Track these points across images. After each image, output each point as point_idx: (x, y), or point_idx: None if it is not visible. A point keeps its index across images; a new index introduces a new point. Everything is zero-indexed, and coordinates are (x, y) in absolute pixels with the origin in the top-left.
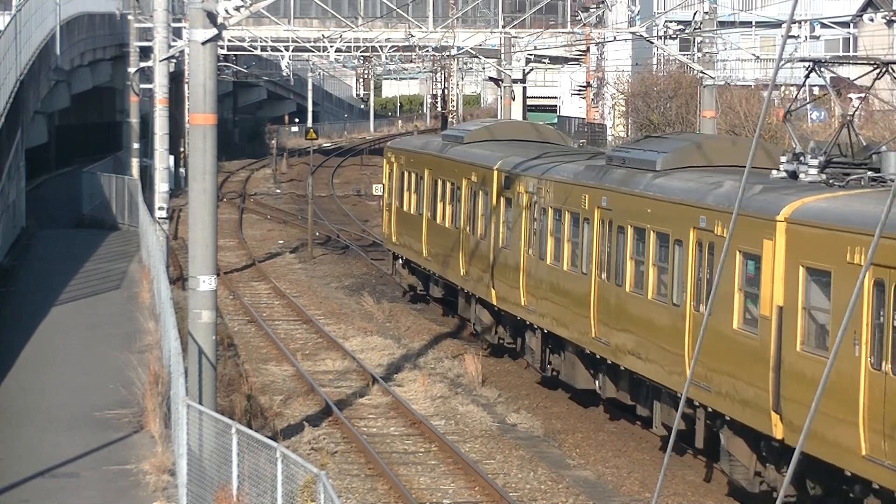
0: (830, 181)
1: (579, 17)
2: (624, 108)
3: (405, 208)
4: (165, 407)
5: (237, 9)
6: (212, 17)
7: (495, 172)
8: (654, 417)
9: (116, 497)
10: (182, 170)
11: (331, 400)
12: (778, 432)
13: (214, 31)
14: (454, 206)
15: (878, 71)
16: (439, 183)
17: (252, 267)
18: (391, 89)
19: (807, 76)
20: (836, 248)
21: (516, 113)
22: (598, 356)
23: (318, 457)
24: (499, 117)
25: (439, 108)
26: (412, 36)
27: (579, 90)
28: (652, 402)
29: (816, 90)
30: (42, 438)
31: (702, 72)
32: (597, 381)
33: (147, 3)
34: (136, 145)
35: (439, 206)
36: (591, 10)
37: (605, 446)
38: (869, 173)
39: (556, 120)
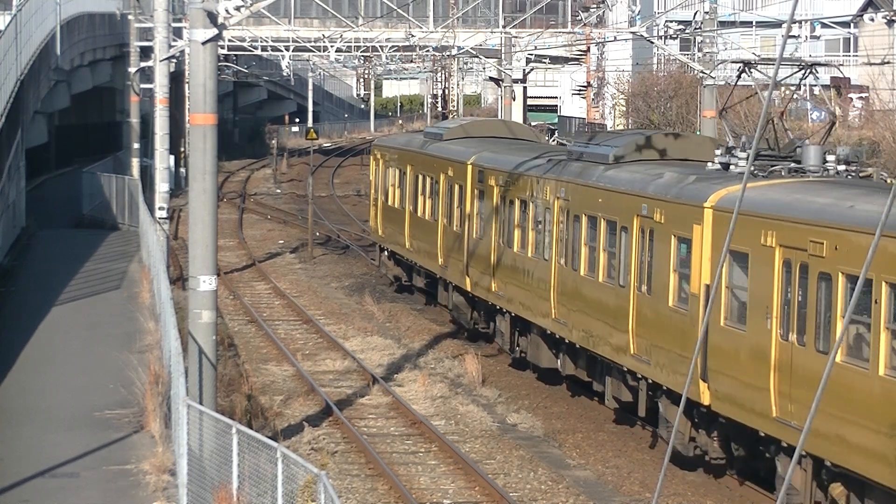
0: (755, 172)
1: (579, 17)
2: (624, 108)
3: (390, 203)
4: (165, 407)
5: (237, 9)
6: (212, 17)
7: (469, 167)
8: (606, 392)
9: (116, 497)
10: (182, 170)
11: (331, 400)
12: (706, 399)
13: (215, 31)
14: (433, 199)
15: (803, 71)
16: (420, 178)
17: (252, 267)
18: (391, 89)
19: (738, 77)
20: (753, 232)
21: (517, 113)
22: (557, 336)
23: (319, 457)
24: (500, 117)
25: (440, 108)
26: (412, 36)
27: (580, 90)
28: (604, 377)
29: (817, 90)
30: (42, 438)
31: (702, 72)
32: (559, 360)
33: (147, 3)
34: (136, 145)
35: (420, 199)
36: (592, 10)
37: (605, 446)
38: (791, 165)
39: (556, 120)
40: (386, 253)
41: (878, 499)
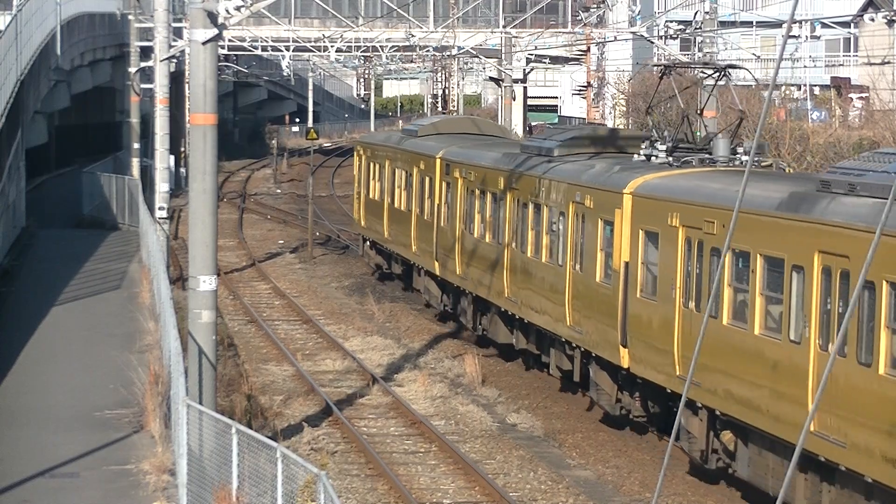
0: (671, 162)
1: (580, 17)
2: (624, 108)
3: (371, 195)
4: (165, 407)
5: (238, 9)
6: (212, 17)
7: (438, 160)
8: (551, 363)
9: (116, 497)
10: (182, 170)
11: (331, 400)
12: (626, 363)
13: (215, 31)
14: (408, 191)
15: (718, 74)
16: (397, 172)
17: (252, 267)
18: (392, 89)
19: (660, 79)
20: (662, 215)
21: (517, 113)
22: (510, 313)
23: (319, 457)
24: (500, 117)
25: (440, 109)
26: (413, 36)
27: (580, 90)
28: (549, 349)
29: (817, 90)
30: (42, 438)
31: (702, 72)
32: (514, 336)
33: (147, 3)
34: (136, 145)
35: (397, 192)
36: (592, 10)
37: (605, 446)
38: (704, 157)
39: (556, 120)
40: (368, 243)
41: (757, 442)
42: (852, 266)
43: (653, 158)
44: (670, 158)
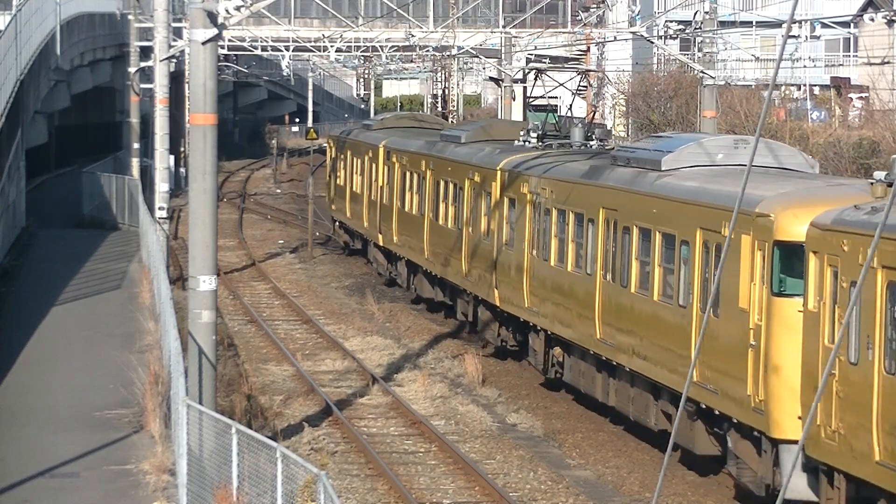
0: (538, 146)
1: (579, 17)
2: (624, 108)
3: (338, 182)
4: (165, 407)
5: (237, 9)
6: (212, 16)
7: (381, 149)
8: (457, 308)
9: (116, 497)
10: (182, 170)
11: (331, 400)
12: (497, 301)
13: (215, 31)
14: (362, 177)
15: (580, 77)
16: (355, 160)
17: (252, 267)
18: (391, 89)
19: (533, 84)
20: (519, 185)
21: (517, 112)
22: (431, 272)
23: (319, 457)
24: (500, 117)
25: (440, 109)
26: (412, 36)
27: (580, 90)
28: (456, 299)
29: (817, 90)
30: (42, 438)
31: (702, 72)
32: (434, 292)
33: (147, 3)
34: (136, 145)
35: (355, 178)
36: (592, 10)
37: (605, 446)
38: (563, 141)
39: (556, 120)
40: (337, 223)
41: (575, 353)
42: (619, 217)
43: (526, 143)
44: (538, 143)
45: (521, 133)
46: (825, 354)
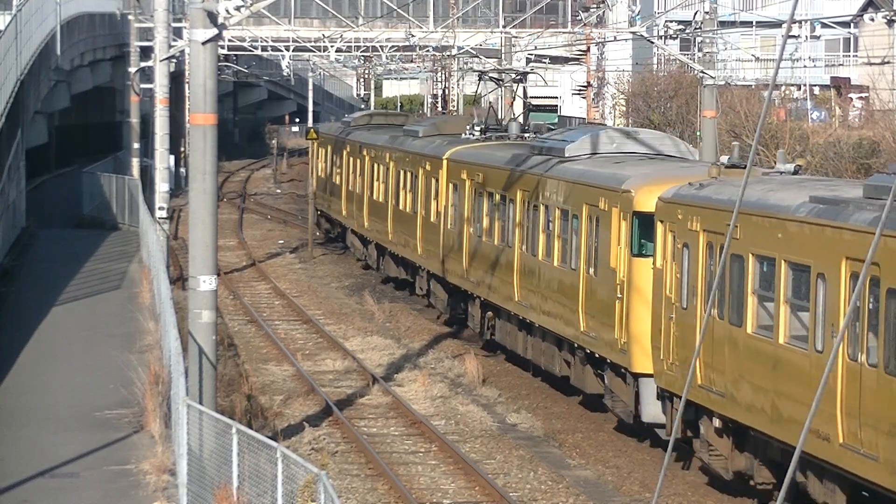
0: (479, 139)
1: (580, 17)
2: (624, 108)
3: (319, 174)
4: (165, 407)
5: (237, 9)
6: (212, 16)
7: (348, 144)
8: (417, 285)
9: (116, 497)
10: (182, 170)
11: (331, 400)
12: (444, 273)
13: (215, 31)
14: (341, 169)
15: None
16: (335, 155)
17: (252, 267)
18: (392, 89)
19: (478, 86)
20: (460, 172)
21: (517, 112)
22: (396, 254)
23: (319, 457)
24: (500, 117)
25: (440, 108)
26: (412, 36)
27: (580, 90)
28: (416, 275)
29: (817, 90)
30: (42, 438)
31: (702, 72)
32: (398, 270)
33: (147, 3)
34: (136, 145)
35: (335, 171)
36: (592, 10)
37: (605, 446)
38: (501, 134)
39: (556, 119)
40: (319, 213)
41: (503, 316)
42: (532, 197)
43: (471, 136)
44: (480, 136)
45: (468, 127)
46: (667, 303)
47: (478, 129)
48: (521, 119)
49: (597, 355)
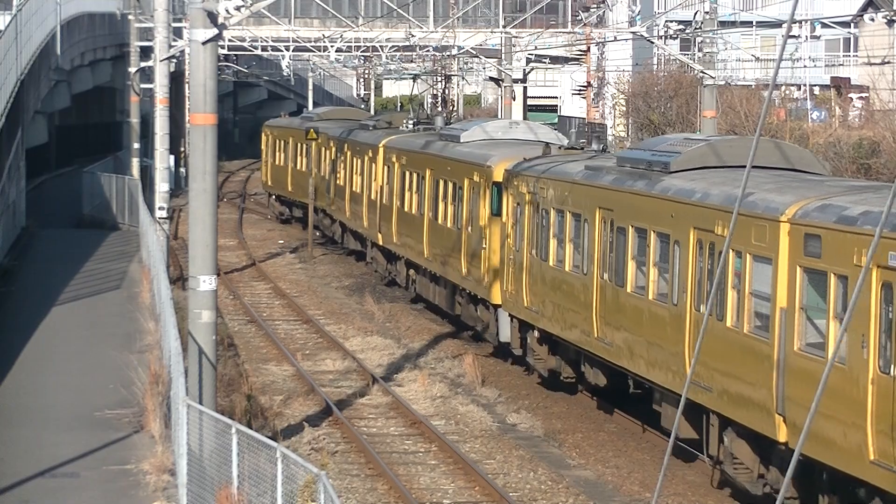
0: (412, 130)
1: (580, 17)
2: (624, 108)
3: (276, 163)
4: (165, 407)
5: (238, 9)
6: (212, 16)
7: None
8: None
9: (116, 497)
10: (182, 170)
11: (331, 400)
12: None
13: (215, 31)
14: (297, 158)
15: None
16: (292, 146)
17: (252, 267)
18: (392, 89)
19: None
20: (393, 158)
21: (517, 112)
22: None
23: (319, 457)
24: (499, 117)
25: (440, 108)
26: (412, 36)
27: (580, 90)
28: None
29: (817, 90)
30: (42, 438)
31: (702, 72)
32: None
33: (147, 3)
34: (136, 145)
35: (282, 157)
36: (592, 10)
37: (605, 446)
38: (428, 127)
39: (556, 120)
40: (273, 197)
41: (420, 272)
42: (436, 174)
43: (404, 128)
44: (412, 128)
45: (404, 122)
46: (508, 249)
47: (411, 123)
48: (445, 115)
49: (472, 293)
